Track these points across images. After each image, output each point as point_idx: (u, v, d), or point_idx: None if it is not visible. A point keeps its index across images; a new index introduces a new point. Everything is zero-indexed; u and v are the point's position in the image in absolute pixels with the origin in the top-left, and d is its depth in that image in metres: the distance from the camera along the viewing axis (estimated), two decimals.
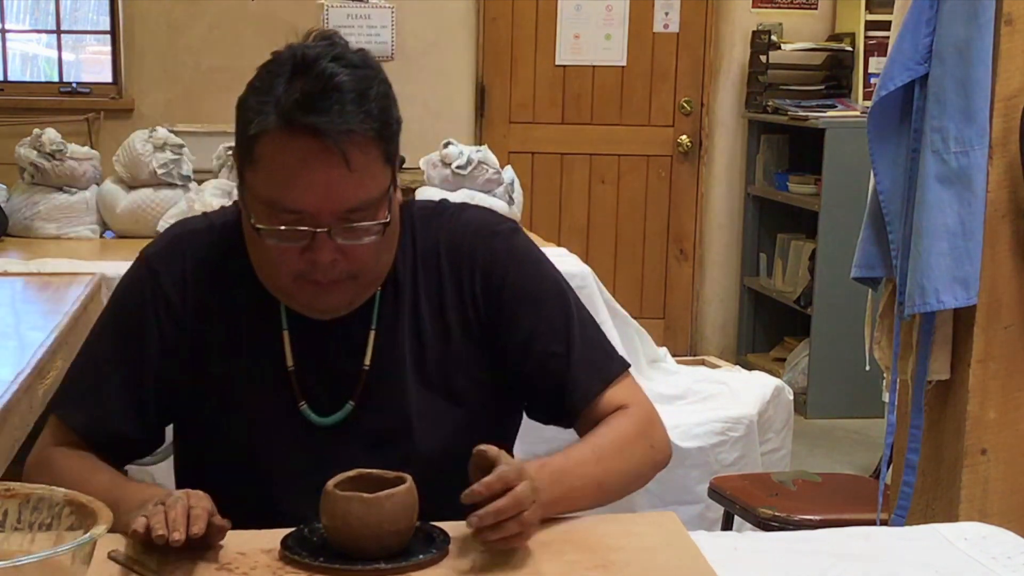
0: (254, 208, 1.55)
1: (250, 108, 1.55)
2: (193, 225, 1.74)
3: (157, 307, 1.66)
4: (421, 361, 1.67)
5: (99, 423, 1.65)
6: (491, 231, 1.72)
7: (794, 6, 5.93)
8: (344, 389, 1.64)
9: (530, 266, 1.72)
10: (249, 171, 1.56)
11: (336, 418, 1.64)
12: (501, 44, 5.86)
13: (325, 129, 1.48)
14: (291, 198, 1.51)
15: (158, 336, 1.65)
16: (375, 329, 1.66)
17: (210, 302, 1.66)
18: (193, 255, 1.68)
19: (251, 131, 1.53)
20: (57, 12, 5.68)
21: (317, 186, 1.50)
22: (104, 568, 1.37)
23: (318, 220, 1.52)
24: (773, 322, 6.04)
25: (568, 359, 1.67)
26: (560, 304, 1.71)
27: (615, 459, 1.61)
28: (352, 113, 1.49)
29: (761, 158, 5.92)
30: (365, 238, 1.55)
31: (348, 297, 1.61)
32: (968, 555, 1.54)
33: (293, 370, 1.64)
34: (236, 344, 1.65)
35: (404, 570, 1.40)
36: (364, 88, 1.52)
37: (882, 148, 2.34)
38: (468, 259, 1.69)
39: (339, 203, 1.51)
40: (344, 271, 1.56)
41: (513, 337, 1.67)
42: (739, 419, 3.80)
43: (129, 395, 1.65)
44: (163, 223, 4.22)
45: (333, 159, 1.49)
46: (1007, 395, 2.37)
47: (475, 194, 4.25)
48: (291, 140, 1.50)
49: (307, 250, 1.53)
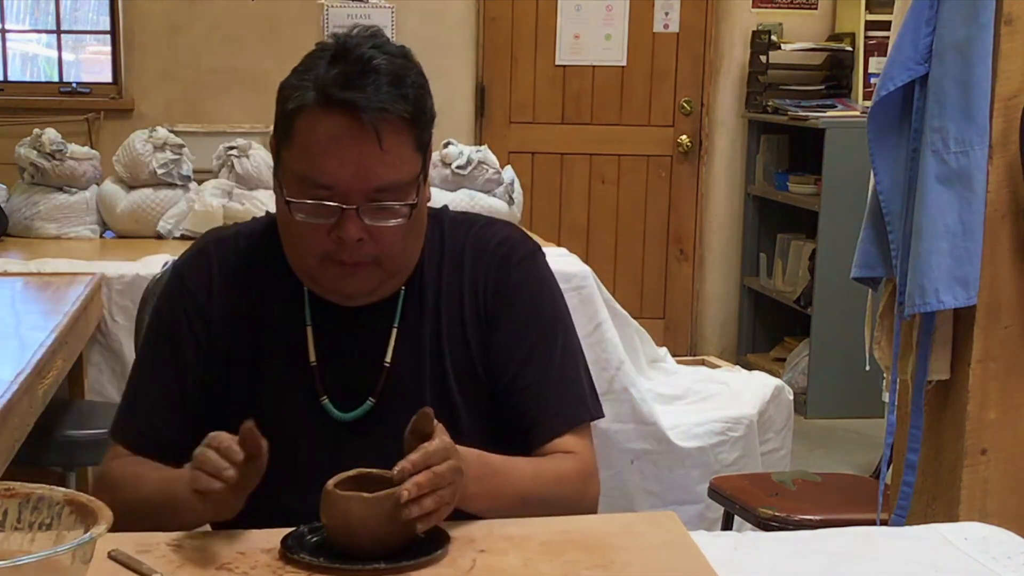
0: (287, 183, 1.60)
1: (290, 86, 1.60)
2: (220, 233, 1.79)
3: (188, 313, 1.70)
4: (441, 362, 1.69)
5: (151, 439, 1.69)
6: (511, 248, 1.74)
7: (794, 6, 5.93)
8: (365, 386, 1.67)
9: (535, 292, 1.74)
10: (285, 149, 1.60)
11: (356, 414, 1.67)
12: (501, 44, 5.86)
13: (361, 105, 1.53)
14: (323, 172, 1.55)
15: (193, 341, 1.69)
16: (397, 327, 1.68)
17: (237, 303, 1.70)
18: (220, 260, 1.72)
19: (289, 107, 1.58)
20: (57, 12, 5.68)
21: (348, 162, 1.54)
22: (104, 568, 1.37)
23: (347, 197, 1.56)
24: (773, 322, 6.04)
25: (539, 392, 1.69)
26: (550, 335, 1.72)
27: (549, 485, 1.63)
28: (388, 94, 1.54)
29: (761, 158, 5.92)
30: (392, 220, 1.58)
31: (372, 283, 1.63)
32: (968, 555, 1.54)
33: (315, 365, 1.67)
34: (261, 341, 1.69)
35: (404, 570, 1.40)
36: (401, 74, 1.57)
37: (882, 148, 2.34)
38: (484, 271, 1.72)
39: (369, 181, 1.55)
40: (369, 254, 1.59)
41: (500, 355, 1.70)
42: (739, 419, 3.80)
43: (175, 404, 1.69)
44: (163, 223, 4.22)
45: (366, 136, 1.53)
46: (1007, 395, 2.37)
47: (475, 194, 4.25)
48: (327, 116, 1.55)
49: (335, 228, 1.57)
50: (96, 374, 3.64)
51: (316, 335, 1.68)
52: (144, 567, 1.38)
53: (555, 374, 1.71)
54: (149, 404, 1.70)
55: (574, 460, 1.68)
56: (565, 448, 1.68)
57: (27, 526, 1.27)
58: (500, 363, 1.70)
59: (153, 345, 1.75)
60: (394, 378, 1.67)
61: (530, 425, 1.69)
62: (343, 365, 1.68)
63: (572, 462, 1.67)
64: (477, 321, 1.70)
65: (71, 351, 3.10)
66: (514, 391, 1.70)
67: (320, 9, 5.53)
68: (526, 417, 1.69)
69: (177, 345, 1.69)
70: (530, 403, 1.69)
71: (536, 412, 1.69)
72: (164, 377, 1.70)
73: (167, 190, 4.25)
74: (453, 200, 4.03)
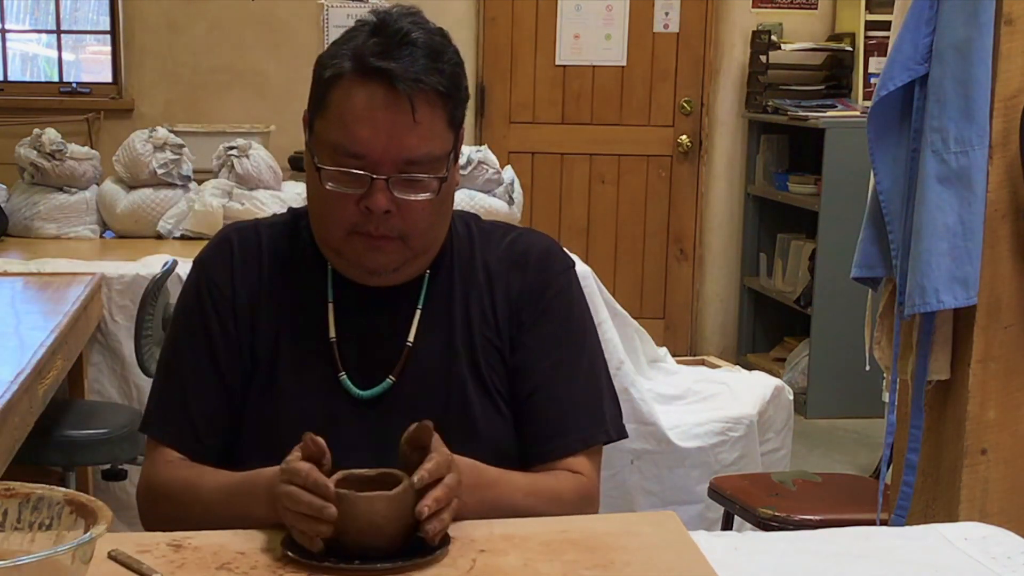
0: (319, 152, 1.60)
1: (328, 56, 1.61)
2: (240, 224, 1.78)
3: (214, 300, 1.70)
4: (469, 351, 1.69)
5: (192, 434, 1.68)
6: (553, 259, 1.75)
7: (794, 6, 5.93)
8: (385, 364, 1.67)
9: (567, 307, 1.74)
10: (319, 119, 1.61)
11: (375, 391, 1.66)
12: (501, 44, 5.86)
13: (396, 75, 1.54)
14: (355, 141, 1.56)
15: (221, 330, 1.69)
16: (421, 308, 1.69)
17: (260, 288, 1.70)
18: (241, 248, 1.72)
19: (326, 75, 1.59)
20: (57, 12, 5.69)
21: (381, 132, 1.55)
22: (104, 568, 1.37)
23: (378, 167, 1.56)
24: (773, 322, 6.04)
25: (557, 409, 1.69)
26: (575, 353, 1.72)
27: (543, 503, 1.62)
28: (424, 66, 1.55)
29: (761, 158, 5.92)
30: (421, 194, 1.59)
31: (396, 259, 1.63)
32: (968, 555, 1.54)
33: (335, 340, 1.67)
34: (282, 319, 1.69)
35: (404, 570, 1.40)
36: (439, 49, 1.59)
37: (882, 148, 2.34)
38: (522, 275, 1.72)
39: (400, 151, 1.56)
40: (396, 227, 1.59)
41: (524, 364, 1.70)
42: (739, 419, 3.80)
43: (213, 395, 1.68)
44: (163, 223, 4.22)
45: (401, 105, 1.54)
46: (1007, 395, 2.37)
47: (475, 194, 4.25)
48: (363, 85, 1.55)
49: (363, 199, 1.57)
50: (96, 374, 3.64)
51: (337, 312, 1.68)
52: (144, 567, 1.38)
53: (576, 393, 1.70)
54: (187, 397, 1.68)
55: (575, 481, 1.67)
56: (572, 468, 1.68)
57: (27, 526, 1.27)
58: (523, 372, 1.70)
59: (183, 339, 1.72)
60: (415, 358, 1.67)
61: (544, 440, 1.68)
62: (364, 343, 1.67)
63: (573, 483, 1.66)
64: (510, 324, 1.71)
65: (71, 351, 3.10)
66: (533, 403, 1.69)
67: (320, 9, 5.53)
68: (541, 432, 1.69)
69: (209, 336, 1.68)
70: (546, 418, 1.69)
71: (551, 429, 1.68)
72: (199, 369, 1.68)
73: (167, 190, 4.25)
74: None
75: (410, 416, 1.52)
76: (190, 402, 1.68)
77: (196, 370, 1.69)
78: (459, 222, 1.75)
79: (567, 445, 1.68)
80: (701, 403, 3.96)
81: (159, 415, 1.71)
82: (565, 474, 1.67)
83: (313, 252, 1.69)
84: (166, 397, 1.72)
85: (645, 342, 4.06)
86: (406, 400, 1.66)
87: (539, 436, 1.69)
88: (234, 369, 1.68)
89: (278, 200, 4.17)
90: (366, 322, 1.68)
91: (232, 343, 1.68)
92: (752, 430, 3.81)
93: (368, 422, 1.65)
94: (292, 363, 1.67)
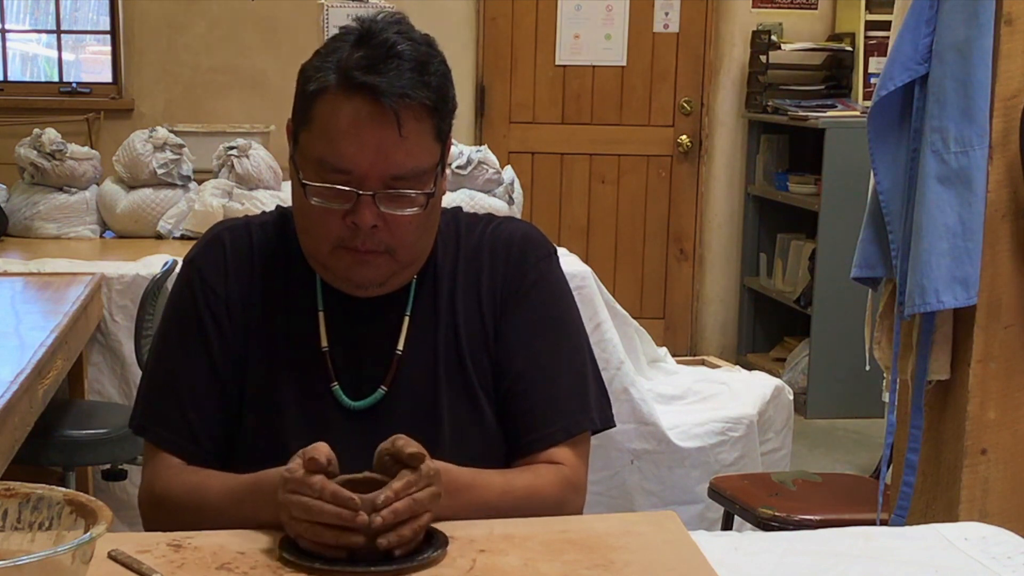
0: (304, 166, 1.59)
1: (312, 68, 1.58)
2: (231, 223, 1.76)
3: (207, 299, 1.68)
4: (456, 353, 1.68)
5: (191, 437, 1.66)
6: (531, 246, 1.73)
7: (794, 6, 5.93)
8: (377, 374, 1.66)
9: (547, 294, 1.72)
10: (304, 132, 1.59)
11: (367, 402, 1.65)
12: (501, 44, 5.86)
13: (382, 90, 1.52)
14: (341, 156, 1.54)
15: (216, 328, 1.67)
16: (409, 315, 1.67)
17: (251, 289, 1.68)
18: (233, 247, 1.70)
19: (310, 88, 1.56)
20: (57, 12, 5.69)
21: (367, 148, 1.53)
22: (104, 568, 1.37)
23: (364, 182, 1.54)
24: (773, 322, 6.04)
25: (538, 398, 1.67)
26: (555, 340, 1.71)
27: (520, 500, 1.60)
28: (410, 80, 1.53)
29: (761, 158, 5.92)
30: (408, 209, 1.57)
31: (384, 273, 1.62)
32: (968, 555, 1.54)
33: (327, 351, 1.65)
34: (274, 325, 1.67)
35: (404, 570, 1.40)
36: (425, 60, 1.57)
37: (882, 148, 2.34)
38: (502, 265, 1.71)
39: (387, 167, 1.54)
40: (383, 242, 1.58)
41: (505, 353, 1.69)
42: (739, 419, 3.80)
43: (208, 393, 1.66)
44: (163, 223, 4.22)
45: (386, 121, 1.52)
46: (1007, 395, 2.37)
47: (475, 194, 4.25)
48: (348, 100, 1.53)
49: (350, 214, 1.56)
50: (96, 374, 3.64)
51: (328, 321, 1.66)
52: (144, 567, 1.38)
53: (557, 381, 1.68)
54: (183, 399, 1.66)
55: (555, 473, 1.64)
56: (554, 459, 1.66)
57: (27, 526, 1.27)
58: (504, 362, 1.68)
59: (175, 337, 1.70)
60: (406, 367, 1.66)
61: (525, 431, 1.67)
62: (355, 353, 1.66)
63: (552, 475, 1.64)
64: (493, 315, 1.69)
65: (71, 351, 3.10)
66: (515, 393, 1.68)
67: (320, 9, 5.53)
68: (523, 424, 1.67)
69: (204, 336, 1.66)
70: (528, 408, 1.67)
71: (533, 419, 1.67)
72: (195, 371, 1.66)
73: (167, 190, 4.26)
74: (453, 200, 4.03)
75: (401, 425, 1.51)
76: (186, 404, 1.66)
77: (192, 372, 1.67)
78: (444, 219, 1.72)
79: (549, 436, 1.66)
80: (701, 403, 3.96)
81: (156, 418, 1.69)
82: (544, 467, 1.65)
83: (302, 257, 1.67)
84: (162, 399, 1.69)
85: (645, 342, 4.06)
86: (397, 409, 1.65)
87: (521, 428, 1.67)
88: (229, 371, 1.67)
89: (278, 200, 4.17)
90: (356, 332, 1.67)
91: (227, 344, 1.67)
92: (752, 430, 3.81)
93: (360, 432, 1.63)
94: (285, 371, 1.66)
